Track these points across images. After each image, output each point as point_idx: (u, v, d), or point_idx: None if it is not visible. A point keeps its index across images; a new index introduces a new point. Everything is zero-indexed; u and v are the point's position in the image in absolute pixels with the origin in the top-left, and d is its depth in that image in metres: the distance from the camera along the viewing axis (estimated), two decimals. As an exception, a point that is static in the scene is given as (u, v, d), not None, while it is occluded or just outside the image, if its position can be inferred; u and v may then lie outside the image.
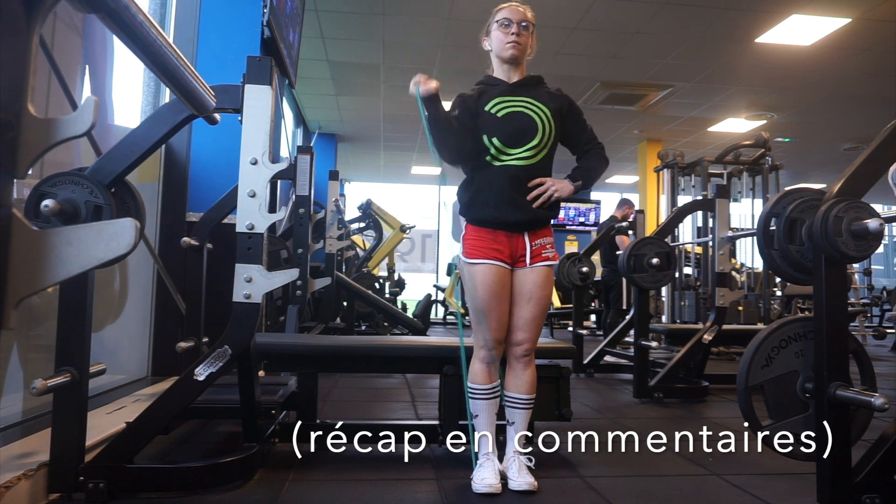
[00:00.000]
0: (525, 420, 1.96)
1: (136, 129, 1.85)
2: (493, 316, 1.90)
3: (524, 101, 1.96)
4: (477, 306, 1.92)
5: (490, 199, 1.91)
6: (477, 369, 1.96)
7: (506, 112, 1.95)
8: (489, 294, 1.90)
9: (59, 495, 1.69)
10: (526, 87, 2.00)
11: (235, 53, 3.54)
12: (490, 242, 1.92)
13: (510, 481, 1.88)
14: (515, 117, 1.94)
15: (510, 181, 1.91)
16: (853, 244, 1.64)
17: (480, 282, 1.90)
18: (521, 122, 1.93)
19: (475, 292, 1.91)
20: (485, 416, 1.95)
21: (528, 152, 1.92)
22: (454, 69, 6.49)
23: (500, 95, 1.97)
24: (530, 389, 1.96)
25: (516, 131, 1.93)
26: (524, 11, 1.99)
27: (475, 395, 1.96)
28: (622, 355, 4.52)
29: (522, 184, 1.92)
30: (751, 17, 5.25)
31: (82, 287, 1.73)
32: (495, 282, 1.90)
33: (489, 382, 1.95)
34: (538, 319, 1.95)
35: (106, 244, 0.65)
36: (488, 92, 1.99)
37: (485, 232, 1.93)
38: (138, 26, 1.13)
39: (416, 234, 11.66)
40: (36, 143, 0.61)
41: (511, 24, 1.95)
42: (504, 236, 1.93)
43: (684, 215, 4.68)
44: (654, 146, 9.06)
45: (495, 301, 1.90)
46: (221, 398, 2.23)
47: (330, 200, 5.43)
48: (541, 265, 1.95)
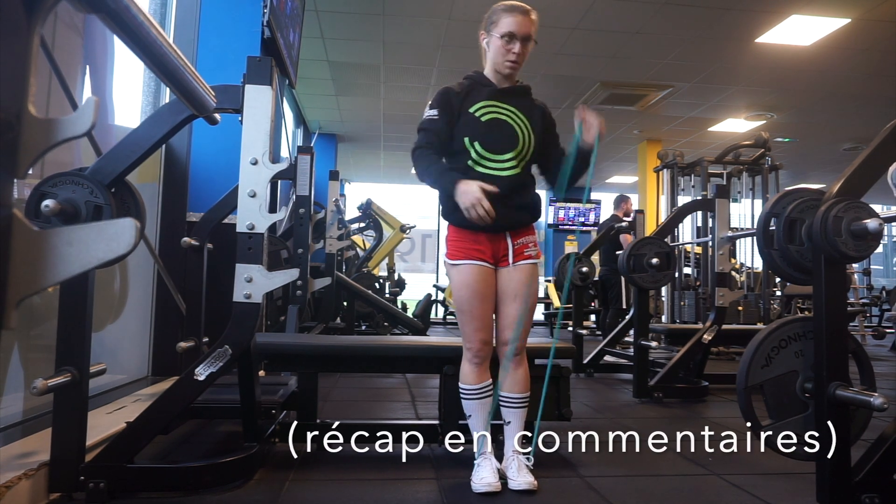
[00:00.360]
0: (521, 419, 1.96)
1: (136, 129, 1.85)
2: (477, 315, 1.92)
3: (509, 110, 1.95)
4: (462, 307, 1.93)
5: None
6: (466, 370, 1.96)
7: (490, 118, 1.93)
8: (472, 294, 1.91)
9: (59, 495, 1.70)
10: (514, 95, 1.99)
11: (235, 53, 3.55)
12: (471, 243, 1.92)
13: (510, 481, 1.88)
14: (498, 125, 1.93)
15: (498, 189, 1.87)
16: (853, 244, 1.64)
17: (464, 282, 1.91)
18: (502, 131, 1.93)
19: (459, 293, 1.93)
20: (477, 415, 1.96)
21: (509, 162, 1.92)
22: (454, 69, 6.49)
23: (486, 99, 1.95)
24: (523, 388, 1.96)
25: (497, 139, 1.92)
26: (530, 23, 1.93)
27: (466, 396, 1.97)
28: (622, 355, 4.52)
29: (510, 191, 1.90)
30: (751, 17, 5.25)
31: (82, 287, 1.73)
32: (478, 281, 1.91)
33: (478, 382, 1.95)
34: (525, 317, 1.94)
35: (106, 244, 0.65)
36: (476, 92, 1.97)
37: (467, 233, 1.93)
38: (138, 26, 1.14)
39: (416, 234, 11.66)
40: (36, 144, 0.61)
41: (514, 40, 1.91)
42: (485, 238, 1.92)
43: (684, 215, 4.69)
44: (653, 146, 9.06)
45: (478, 300, 1.91)
46: (221, 398, 2.24)
47: (330, 200, 5.43)
48: (524, 263, 1.95)
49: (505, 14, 1.93)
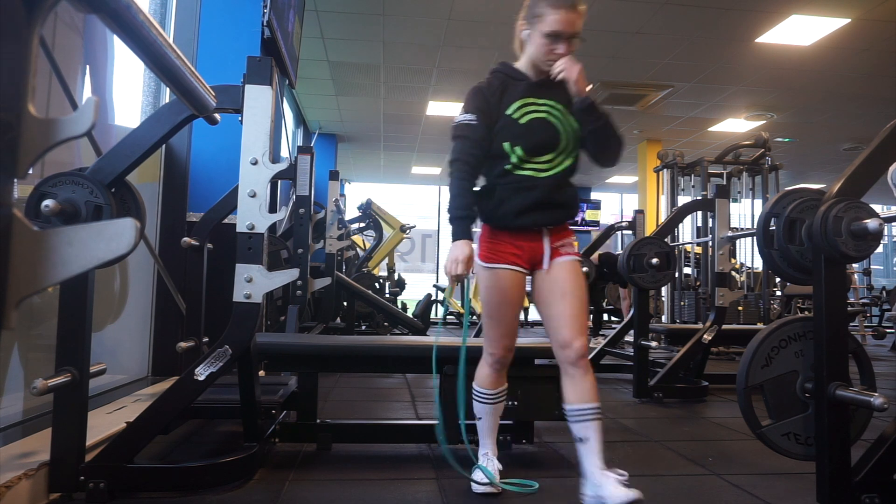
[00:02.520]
0: (599, 433, 1.71)
1: (136, 129, 1.85)
2: (506, 321, 1.85)
3: (547, 105, 1.83)
4: (491, 312, 1.85)
5: (513, 209, 1.79)
6: (484, 373, 1.91)
7: (529, 118, 1.81)
8: (503, 299, 1.82)
9: (59, 495, 1.69)
10: (550, 87, 1.86)
11: (235, 53, 3.54)
12: (509, 246, 1.82)
13: (608, 500, 1.64)
14: (539, 125, 1.81)
15: (538, 192, 1.79)
16: (853, 244, 1.64)
17: (496, 287, 1.82)
18: (543, 131, 1.81)
19: (490, 297, 1.84)
20: (488, 419, 1.94)
21: (552, 162, 1.81)
22: (454, 69, 6.50)
23: (522, 96, 1.82)
24: (594, 396, 1.73)
25: (539, 141, 1.80)
26: (578, 18, 1.78)
27: (480, 399, 1.92)
28: (622, 355, 4.52)
29: (549, 192, 1.80)
30: (751, 17, 5.25)
31: (82, 287, 1.73)
32: (511, 287, 1.81)
33: (495, 388, 1.91)
34: (580, 315, 1.78)
35: (106, 244, 0.65)
36: (512, 88, 1.84)
37: (505, 234, 1.82)
38: (139, 26, 1.13)
39: (416, 234, 11.67)
40: (36, 144, 0.61)
41: (560, 39, 1.77)
42: (523, 239, 1.82)
43: (684, 215, 4.68)
44: (654, 146, 9.06)
45: (508, 306, 1.83)
46: (221, 398, 2.23)
47: (330, 200, 5.43)
48: (564, 259, 1.83)
49: (551, 9, 1.75)
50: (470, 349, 1.94)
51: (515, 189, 1.80)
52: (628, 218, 6.09)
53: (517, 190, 1.79)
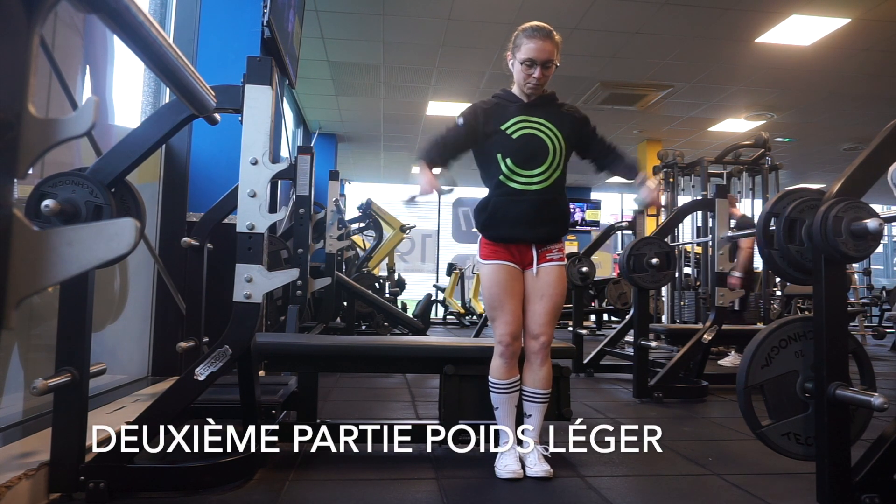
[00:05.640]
0: (541, 413, 2.08)
1: (136, 129, 1.85)
2: (507, 310, 2.04)
3: (538, 123, 2.06)
4: (493, 303, 2.06)
5: (506, 222, 2.04)
6: (496, 364, 2.08)
7: (521, 133, 2.05)
8: (501, 290, 2.04)
9: (59, 495, 1.69)
10: (541, 106, 2.09)
11: (235, 53, 3.54)
12: (503, 250, 2.07)
13: (528, 469, 1.99)
14: (529, 140, 2.04)
15: (527, 205, 2.02)
16: (853, 244, 1.64)
17: (494, 279, 2.05)
18: (533, 145, 2.04)
19: (490, 290, 2.07)
20: (504, 408, 2.07)
21: (541, 175, 2.03)
22: (454, 69, 6.49)
23: (516, 115, 2.06)
24: (546, 385, 2.07)
25: (528, 154, 2.03)
26: (551, 47, 2.02)
27: (495, 390, 2.07)
28: (622, 355, 4.52)
29: (538, 207, 2.03)
30: (751, 17, 5.25)
31: (82, 287, 1.73)
32: (507, 279, 2.05)
33: (508, 378, 2.07)
34: (551, 315, 2.06)
35: (106, 244, 0.65)
36: (505, 109, 2.08)
37: (498, 244, 2.08)
38: (138, 26, 1.13)
39: (416, 234, 11.66)
40: (36, 144, 0.61)
41: (535, 66, 2.02)
42: (516, 248, 2.07)
43: (684, 215, 4.69)
44: (654, 146, 9.06)
45: (507, 296, 2.04)
46: (221, 398, 2.23)
47: (330, 200, 5.43)
48: (549, 265, 2.07)
49: (526, 39, 2.03)
50: (473, 349, 2.10)
51: (507, 201, 2.03)
52: (628, 218, 6.10)
53: (509, 203, 2.03)
